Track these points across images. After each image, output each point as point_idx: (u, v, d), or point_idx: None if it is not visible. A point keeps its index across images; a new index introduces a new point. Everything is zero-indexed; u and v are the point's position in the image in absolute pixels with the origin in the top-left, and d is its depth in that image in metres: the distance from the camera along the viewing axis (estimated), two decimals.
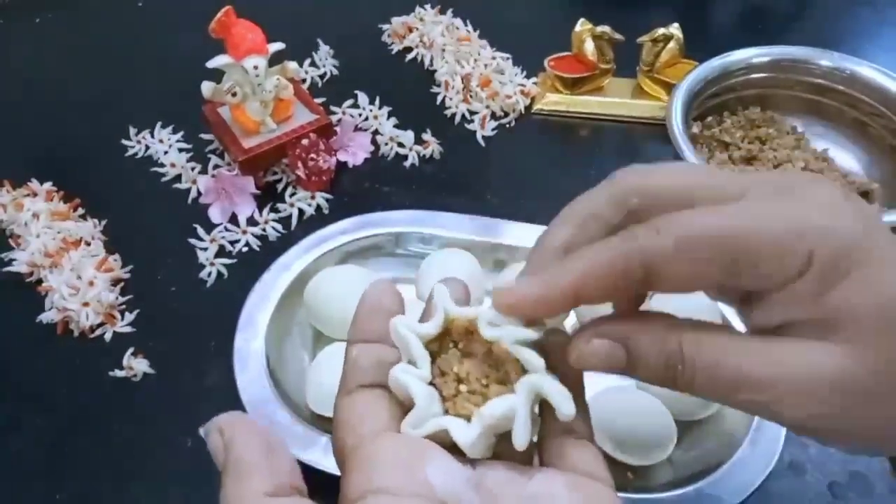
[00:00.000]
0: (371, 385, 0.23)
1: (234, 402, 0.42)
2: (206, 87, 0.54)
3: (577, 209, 0.24)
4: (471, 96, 0.64)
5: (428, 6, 0.72)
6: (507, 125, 0.63)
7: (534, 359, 0.22)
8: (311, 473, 0.40)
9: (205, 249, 0.54)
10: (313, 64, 0.68)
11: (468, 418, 0.22)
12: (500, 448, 0.23)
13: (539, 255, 0.23)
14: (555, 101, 0.64)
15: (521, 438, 0.21)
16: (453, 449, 0.22)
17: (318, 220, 0.55)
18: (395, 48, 0.70)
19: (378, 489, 0.20)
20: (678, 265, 0.21)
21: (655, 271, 0.21)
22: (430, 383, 0.23)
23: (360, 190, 0.59)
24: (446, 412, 0.23)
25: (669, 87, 0.60)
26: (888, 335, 0.20)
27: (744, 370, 0.21)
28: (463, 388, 0.23)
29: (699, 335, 0.22)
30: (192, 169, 0.59)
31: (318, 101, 0.62)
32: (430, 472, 0.20)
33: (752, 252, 0.21)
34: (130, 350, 0.48)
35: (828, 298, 0.21)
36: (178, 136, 0.62)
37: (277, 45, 0.55)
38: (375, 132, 0.62)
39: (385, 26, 0.71)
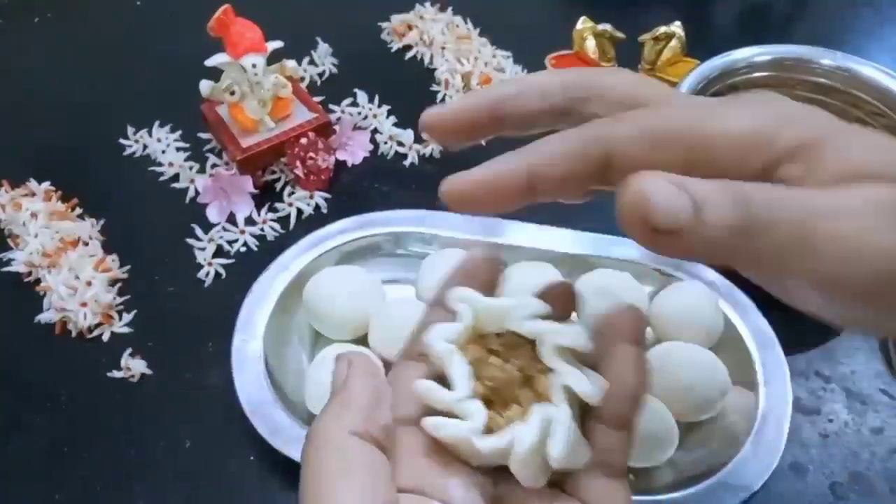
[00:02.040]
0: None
1: (232, 402, 0.42)
2: (205, 86, 0.54)
3: (528, 79, 0.23)
4: None
5: (428, 4, 0.72)
6: None
7: (564, 368, 0.21)
8: None
9: (203, 249, 0.54)
10: (312, 62, 0.68)
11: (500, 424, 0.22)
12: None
13: (469, 98, 0.23)
14: None
15: (557, 451, 0.20)
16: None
17: (316, 220, 0.55)
18: (395, 46, 0.70)
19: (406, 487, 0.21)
20: (640, 152, 0.20)
21: (616, 158, 0.20)
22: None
23: (360, 189, 0.58)
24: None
25: (671, 86, 0.60)
26: None
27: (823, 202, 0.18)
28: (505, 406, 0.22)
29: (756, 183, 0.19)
30: (190, 168, 0.59)
31: (317, 99, 0.61)
32: (452, 484, 0.21)
33: (716, 145, 0.20)
34: (128, 350, 0.48)
35: (815, 174, 0.19)
36: (176, 135, 0.61)
37: (276, 44, 0.54)
38: (375, 131, 0.62)
39: (384, 24, 0.71)
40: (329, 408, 0.22)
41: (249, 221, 0.55)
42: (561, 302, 0.23)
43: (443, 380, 0.22)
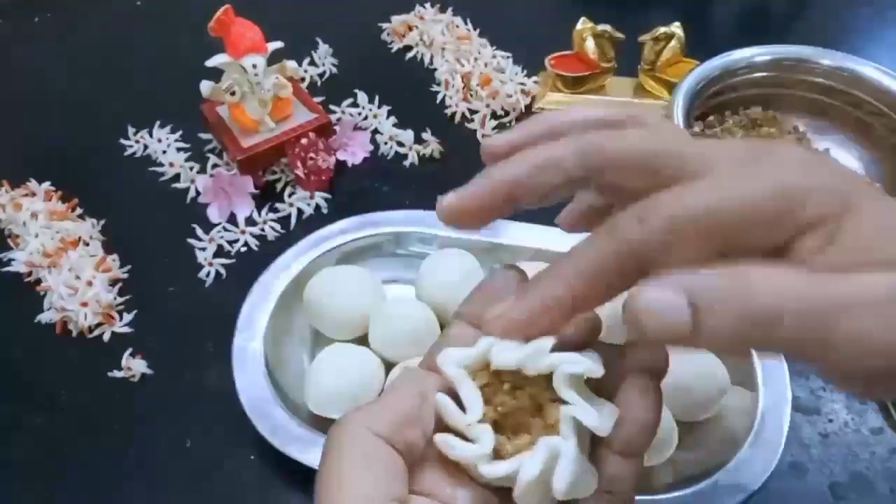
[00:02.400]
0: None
1: (233, 402, 0.42)
2: (205, 86, 0.54)
3: (540, 153, 0.23)
4: (471, 95, 0.64)
5: (428, 5, 0.72)
6: (508, 124, 0.63)
7: (574, 398, 0.21)
8: (311, 475, 0.40)
9: (203, 249, 0.54)
10: (312, 63, 0.68)
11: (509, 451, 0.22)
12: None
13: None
14: (556, 100, 0.64)
15: (562, 485, 0.20)
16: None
17: (317, 220, 0.55)
18: (395, 47, 0.70)
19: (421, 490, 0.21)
20: (669, 251, 0.20)
21: (648, 261, 0.20)
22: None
23: (360, 189, 0.58)
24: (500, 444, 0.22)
25: (671, 87, 0.60)
26: None
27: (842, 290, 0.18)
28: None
29: (767, 268, 0.19)
30: (191, 168, 0.59)
31: (318, 100, 0.61)
32: (460, 495, 0.21)
33: (739, 226, 0.20)
34: (129, 350, 0.48)
35: (834, 248, 0.19)
36: (177, 135, 0.62)
37: (276, 44, 0.55)
38: (375, 131, 0.62)
39: (385, 25, 0.71)
40: (366, 407, 0.22)
41: (250, 221, 0.55)
42: (588, 330, 0.23)
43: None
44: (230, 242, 0.54)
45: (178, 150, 0.60)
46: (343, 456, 0.21)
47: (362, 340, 0.46)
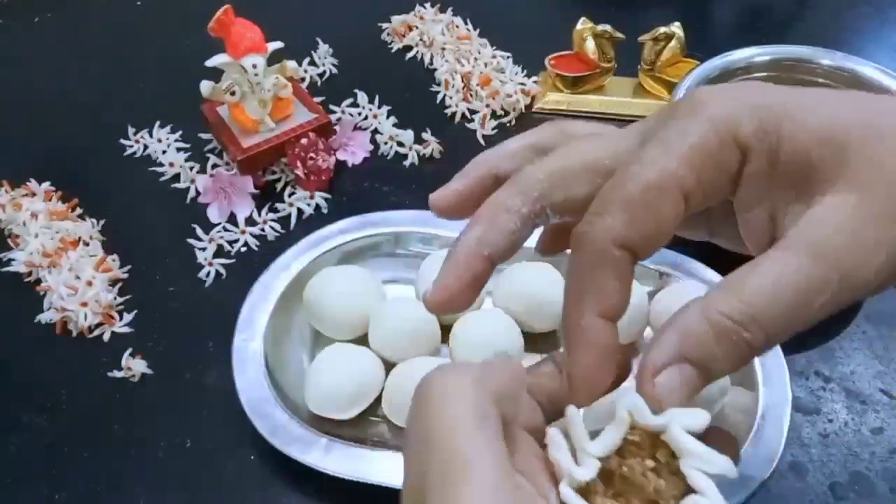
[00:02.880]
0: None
1: (233, 402, 0.42)
2: (205, 86, 0.54)
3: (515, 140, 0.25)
4: (471, 95, 0.64)
5: (428, 5, 0.72)
6: (508, 124, 0.63)
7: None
8: (311, 475, 0.40)
9: (203, 249, 0.54)
10: (312, 63, 0.68)
11: None
12: None
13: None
14: (555, 100, 0.64)
15: None
16: None
17: (317, 220, 0.55)
18: (395, 47, 0.70)
19: None
20: (637, 227, 0.20)
21: (634, 246, 0.21)
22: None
23: (360, 190, 0.58)
24: None
25: (671, 86, 0.60)
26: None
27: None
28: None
29: (727, 289, 0.20)
30: (191, 168, 0.59)
31: (318, 100, 0.61)
32: (552, 492, 0.20)
33: (692, 178, 0.20)
34: (129, 350, 0.48)
35: (776, 168, 0.20)
36: (177, 135, 0.62)
37: (276, 44, 0.55)
38: (375, 131, 0.62)
39: (385, 25, 0.71)
40: (465, 367, 0.20)
41: (250, 221, 0.55)
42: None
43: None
44: (230, 242, 0.54)
45: (178, 150, 0.60)
46: (460, 415, 0.18)
47: (362, 340, 0.46)
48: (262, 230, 0.55)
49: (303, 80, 0.66)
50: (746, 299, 0.19)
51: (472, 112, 0.63)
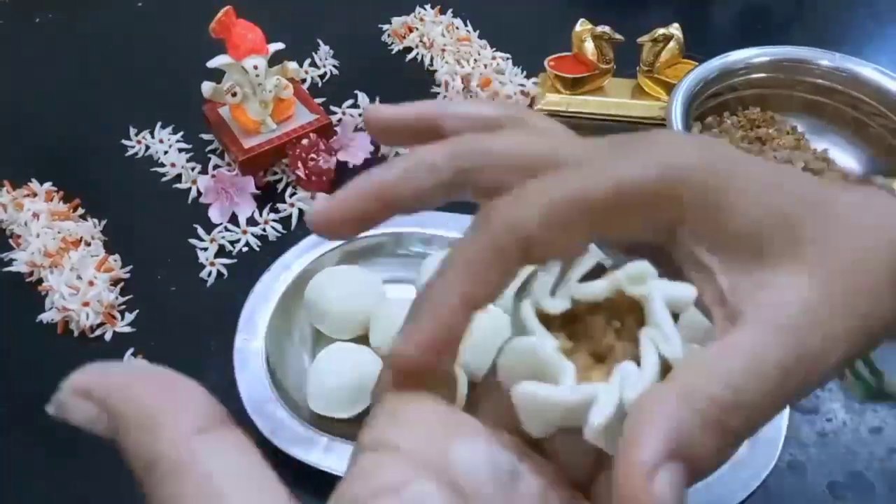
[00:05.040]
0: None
1: (234, 402, 0.42)
2: (207, 87, 0.54)
3: (414, 155, 0.22)
4: (471, 96, 0.64)
5: (428, 6, 0.72)
6: None
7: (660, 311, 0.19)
8: (312, 474, 0.40)
9: (205, 249, 0.54)
10: (313, 64, 0.68)
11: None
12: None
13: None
14: (555, 102, 0.64)
15: (596, 417, 0.17)
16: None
17: None
18: (395, 48, 0.70)
19: (392, 445, 0.18)
20: (550, 233, 0.19)
21: (531, 244, 0.19)
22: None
23: None
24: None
25: (669, 88, 0.60)
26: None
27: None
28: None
29: (706, 373, 0.18)
30: (192, 169, 0.59)
31: (318, 101, 0.62)
32: (458, 448, 0.18)
33: (617, 203, 0.19)
34: (130, 350, 0.48)
35: (719, 236, 0.19)
36: (178, 136, 0.62)
37: (277, 45, 0.55)
38: None
39: (385, 26, 0.71)
40: (136, 438, 0.18)
41: (251, 222, 0.55)
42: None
43: None
44: (231, 242, 0.54)
45: (180, 150, 0.61)
46: None
47: (363, 340, 0.46)
48: (264, 230, 0.55)
49: (304, 81, 0.66)
50: (733, 383, 0.17)
51: None
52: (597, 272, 0.21)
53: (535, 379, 0.19)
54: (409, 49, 0.70)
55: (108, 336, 0.49)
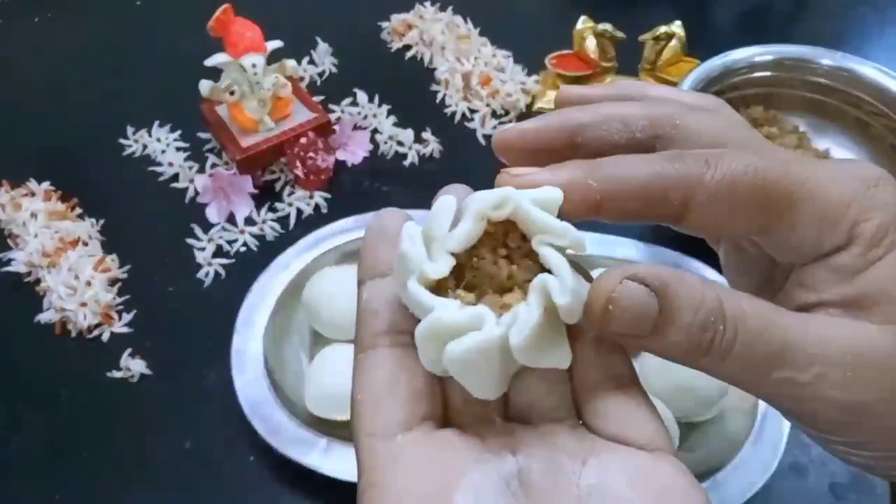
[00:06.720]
0: (389, 332, 0.21)
1: (232, 402, 0.42)
2: (204, 86, 0.54)
3: (609, 107, 0.22)
4: (471, 94, 0.64)
5: (428, 3, 0.72)
6: (508, 123, 0.63)
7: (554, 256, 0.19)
8: (310, 475, 0.40)
9: (202, 249, 0.53)
10: (312, 62, 0.68)
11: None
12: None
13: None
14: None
15: (563, 298, 0.18)
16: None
17: (316, 220, 0.55)
18: (395, 46, 0.70)
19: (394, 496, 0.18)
20: (717, 205, 0.19)
21: (693, 206, 0.19)
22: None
23: (360, 189, 0.58)
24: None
25: (672, 86, 0.60)
26: None
27: (790, 340, 0.18)
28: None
29: (739, 297, 0.19)
30: (190, 168, 0.59)
31: (317, 99, 0.61)
32: (460, 499, 0.18)
33: (797, 209, 0.19)
34: (128, 351, 0.48)
35: (867, 275, 0.19)
36: (176, 134, 0.61)
37: (276, 43, 0.54)
38: (375, 131, 0.62)
39: (384, 24, 0.71)
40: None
41: (249, 221, 0.55)
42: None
43: None
44: (229, 242, 0.54)
45: (178, 149, 0.60)
46: None
47: None
48: (262, 230, 0.55)
49: (302, 79, 0.66)
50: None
51: (472, 111, 0.63)
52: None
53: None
54: (408, 47, 0.69)
55: (105, 336, 0.49)
